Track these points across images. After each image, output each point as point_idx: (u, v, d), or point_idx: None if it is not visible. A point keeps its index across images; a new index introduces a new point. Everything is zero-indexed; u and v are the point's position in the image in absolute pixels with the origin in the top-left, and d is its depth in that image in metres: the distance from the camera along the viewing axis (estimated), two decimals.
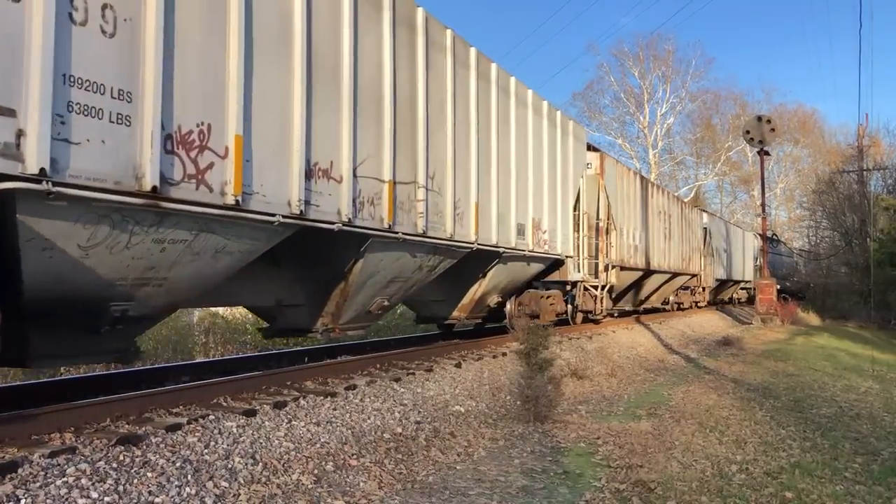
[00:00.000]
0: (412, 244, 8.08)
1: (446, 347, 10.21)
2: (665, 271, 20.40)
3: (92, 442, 4.48)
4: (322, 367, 7.96)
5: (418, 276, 8.75)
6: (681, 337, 18.41)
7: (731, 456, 6.01)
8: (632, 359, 13.22)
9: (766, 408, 8.44)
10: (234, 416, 5.44)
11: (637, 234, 17.74)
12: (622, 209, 16.59)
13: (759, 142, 26.41)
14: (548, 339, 7.66)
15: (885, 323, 26.98)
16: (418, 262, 8.48)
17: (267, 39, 5.81)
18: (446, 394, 7.68)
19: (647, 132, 50.66)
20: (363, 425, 6.09)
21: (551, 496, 4.78)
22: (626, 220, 16.80)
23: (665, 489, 4.92)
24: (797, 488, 5.08)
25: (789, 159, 58.36)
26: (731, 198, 60.05)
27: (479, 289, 10.71)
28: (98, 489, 3.88)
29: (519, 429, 6.86)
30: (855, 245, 34.56)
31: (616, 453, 6.00)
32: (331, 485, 4.73)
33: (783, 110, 54.90)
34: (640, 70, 50.26)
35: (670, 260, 20.94)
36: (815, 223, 47.70)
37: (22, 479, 3.80)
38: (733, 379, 11.11)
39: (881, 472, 5.67)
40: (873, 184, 36.84)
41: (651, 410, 8.12)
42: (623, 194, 16.83)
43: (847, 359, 14.99)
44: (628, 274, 17.17)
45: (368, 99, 7.20)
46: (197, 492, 4.18)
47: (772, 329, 22.95)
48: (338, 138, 6.69)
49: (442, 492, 4.75)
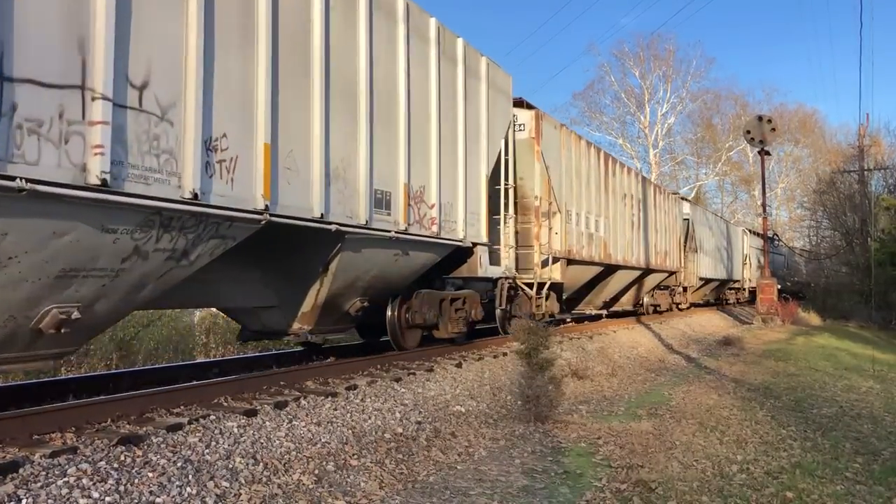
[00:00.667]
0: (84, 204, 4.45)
1: (447, 348, 10.16)
2: (634, 267, 17.49)
3: (93, 442, 4.48)
4: (323, 367, 7.96)
5: (143, 267, 5.13)
6: (681, 337, 18.41)
7: (731, 456, 6.01)
8: (632, 359, 13.22)
9: (767, 408, 8.43)
10: (234, 416, 5.44)
11: (594, 221, 14.77)
12: (572, 187, 13.70)
13: (760, 142, 26.40)
14: (548, 339, 7.65)
15: (886, 323, 26.97)
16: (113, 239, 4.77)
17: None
18: (447, 394, 7.69)
19: (648, 132, 50.71)
20: (364, 425, 6.09)
21: (552, 496, 4.78)
22: (576, 202, 13.83)
23: (666, 489, 4.92)
24: (798, 488, 5.08)
25: (790, 159, 58.39)
26: (731, 198, 60.10)
27: (321, 288, 7.34)
28: (99, 489, 3.88)
29: (520, 429, 6.86)
30: (856, 245, 34.55)
31: (617, 453, 6.00)
32: (332, 485, 4.74)
33: (784, 110, 54.99)
34: (640, 70, 50.32)
35: (640, 254, 17.95)
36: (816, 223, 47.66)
37: (23, 478, 3.80)
38: (734, 379, 11.10)
39: (882, 472, 5.66)
40: (874, 184, 36.82)
41: (652, 410, 8.12)
42: (573, 169, 13.83)
43: (848, 359, 14.98)
44: (582, 269, 14.28)
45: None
46: (198, 492, 4.18)
47: (772, 329, 22.94)
48: None
49: (443, 492, 4.75)
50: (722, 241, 29.84)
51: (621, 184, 17.12)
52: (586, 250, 14.26)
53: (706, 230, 26.95)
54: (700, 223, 26.00)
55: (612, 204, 16.22)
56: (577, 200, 13.95)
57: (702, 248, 25.71)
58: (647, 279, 19.84)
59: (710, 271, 27.08)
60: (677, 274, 22.55)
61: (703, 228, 26.27)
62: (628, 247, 17.15)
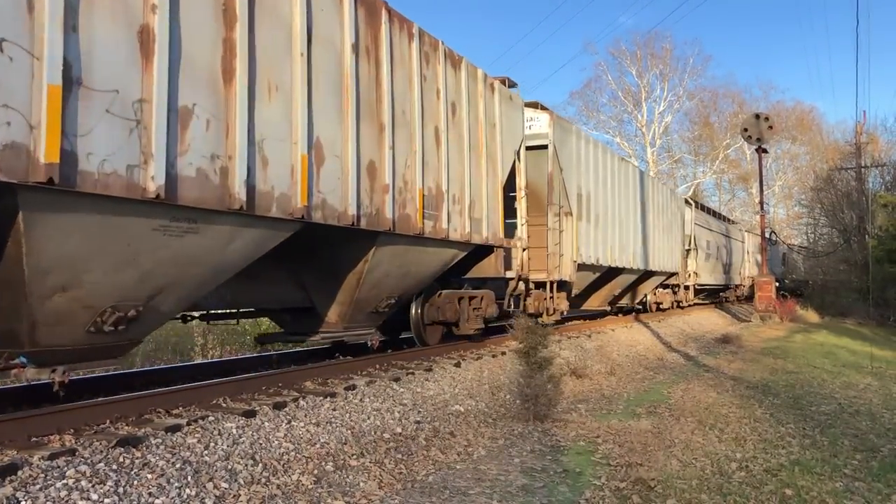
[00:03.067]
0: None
1: (446, 347, 10.18)
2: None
3: (92, 443, 4.47)
4: (321, 367, 7.96)
5: None
6: (680, 335, 18.42)
7: (730, 453, 6.01)
8: (631, 357, 13.22)
9: (766, 405, 8.44)
10: (233, 416, 5.44)
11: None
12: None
13: (758, 139, 26.44)
14: (547, 338, 7.65)
15: (884, 320, 26.99)
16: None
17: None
18: (446, 393, 7.69)
19: (645, 130, 50.79)
20: (363, 425, 6.09)
21: (551, 495, 4.78)
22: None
23: (665, 487, 4.92)
24: (797, 485, 5.08)
25: (787, 157, 58.53)
26: (729, 196, 60.17)
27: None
28: (98, 491, 3.88)
29: (518, 428, 6.86)
30: (853, 242, 34.60)
31: (616, 452, 6.01)
32: (331, 485, 4.73)
33: (781, 108, 55.08)
34: (637, 68, 50.42)
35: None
36: (814, 220, 47.82)
37: (22, 481, 3.80)
38: (732, 377, 11.11)
39: (881, 469, 5.67)
40: (871, 181, 36.93)
41: (650, 408, 8.13)
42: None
43: (846, 356, 15.00)
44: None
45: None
46: (197, 493, 4.18)
47: (771, 326, 22.97)
48: None
49: (442, 491, 4.75)
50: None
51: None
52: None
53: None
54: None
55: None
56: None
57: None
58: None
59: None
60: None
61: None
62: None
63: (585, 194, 14.31)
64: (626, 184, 17.32)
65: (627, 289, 19.03)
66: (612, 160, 16.21)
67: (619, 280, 17.16)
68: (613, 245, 15.88)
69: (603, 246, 15.19)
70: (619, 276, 16.90)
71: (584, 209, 14.07)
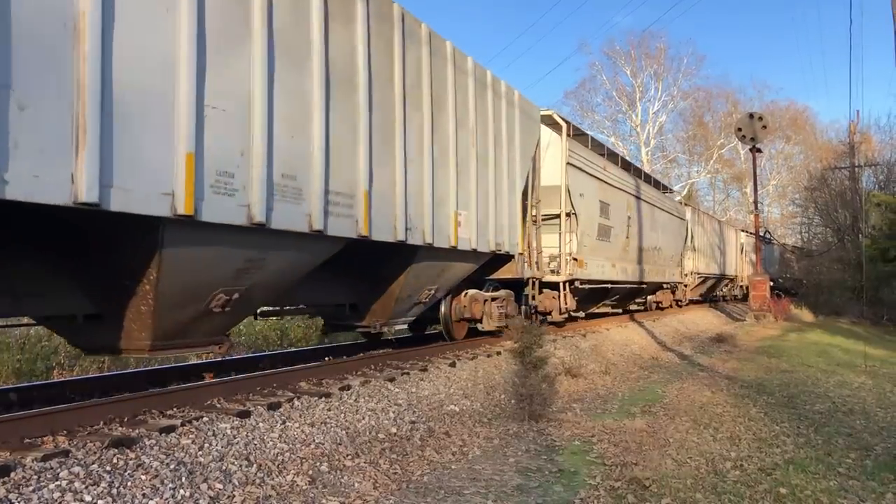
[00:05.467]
0: None
1: (441, 347, 10.20)
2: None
3: (85, 445, 4.45)
4: (316, 367, 7.95)
5: None
6: (674, 334, 18.46)
7: (725, 453, 6.02)
8: (626, 356, 13.24)
9: (760, 404, 8.46)
10: (228, 417, 5.42)
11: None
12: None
13: (752, 139, 26.52)
14: (542, 337, 7.66)
15: (878, 319, 27.11)
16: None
17: None
18: (441, 393, 7.68)
19: (640, 130, 50.88)
20: (358, 426, 6.08)
21: (546, 494, 4.79)
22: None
23: (660, 486, 4.93)
24: (791, 484, 5.10)
25: (781, 156, 58.73)
26: (723, 195, 60.35)
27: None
28: (92, 492, 3.86)
29: (514, 427, 6.86)
30: (847, 241, 34.73)
31: (611, 451, 6.01)
32: (325, 485, 4.73)
33: (775, 107, 55.21)
34: (631, 68, 50.52)
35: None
36: (808, 220, 47.96)
37: (15, 482, 3.77)
38: (727, 376, 11.14)
39: (875, 467, 5.69)
40: (865, 180, 37.07)
41: (645, 408, 8.14)
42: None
43: (840, 354, 15.05)
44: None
45: None
46: (191, 494, 4.17)
47: (765, 326, 23.04)
48: None
49: (437, 491, 4.74)
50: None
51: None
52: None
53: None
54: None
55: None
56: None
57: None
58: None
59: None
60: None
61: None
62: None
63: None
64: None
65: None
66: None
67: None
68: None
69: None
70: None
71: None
